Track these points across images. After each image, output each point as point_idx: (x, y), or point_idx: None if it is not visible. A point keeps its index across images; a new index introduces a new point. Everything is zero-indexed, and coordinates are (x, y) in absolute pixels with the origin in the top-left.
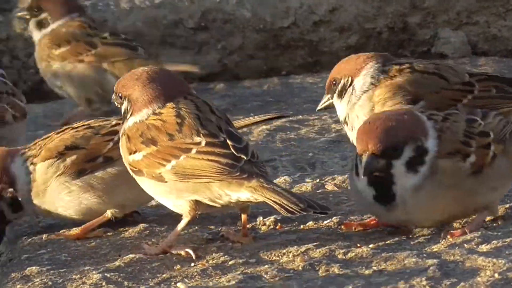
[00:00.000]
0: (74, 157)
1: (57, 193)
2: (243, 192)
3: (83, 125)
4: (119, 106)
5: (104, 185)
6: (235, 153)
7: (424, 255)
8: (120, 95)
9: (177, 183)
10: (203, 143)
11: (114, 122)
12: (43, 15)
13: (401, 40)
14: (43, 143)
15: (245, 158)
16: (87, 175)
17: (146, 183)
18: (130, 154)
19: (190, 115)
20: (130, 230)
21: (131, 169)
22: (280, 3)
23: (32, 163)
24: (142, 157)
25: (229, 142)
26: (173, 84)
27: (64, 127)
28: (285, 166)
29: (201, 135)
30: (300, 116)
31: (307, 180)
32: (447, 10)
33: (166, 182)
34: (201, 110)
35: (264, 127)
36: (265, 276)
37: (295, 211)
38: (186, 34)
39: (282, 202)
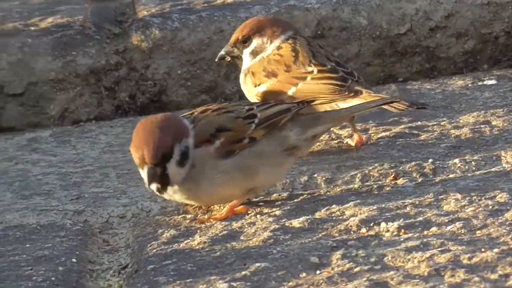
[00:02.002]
0: (223, 138)
1: (210, 174)
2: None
3: (220, 108)
4: (240, 50)
5: (251, 165)
6: (344, 75)
7: None
8: (245, 38)
9: None
10: (315, 71)
11: (247, 107)
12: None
13: None
14: (197, 115)
15: (352, 79)
16: (236, 155)
17: None
18: (255, 87)
19: (303, 49)
20: (255, 239)
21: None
22: (396, 10)
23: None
24: (265, 89)
25: (337, 68)
26: (287, 25)
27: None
28: (406, 172)
29: (312, 65)
30: (419, 122)
31: (428, 186)
32: None
33: None
34: (311, 44)
35: (383, 133)
36: (391, 282)
37: (402, 108)
38: None
39: (389, 103)
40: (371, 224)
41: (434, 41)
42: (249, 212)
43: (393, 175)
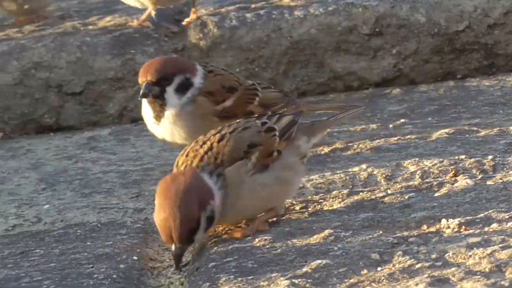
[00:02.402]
0: (257, 153)
1: (252, 191)
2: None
3: (236, 128)
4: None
5: (286, 176)
6: None
7: None
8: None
9: None
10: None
11: (259, 122)
12: None
13: None
14: (212, 153)
15: None
16: (270, 169)
17: None
18: (218, 104)
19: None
20: (315, 236)
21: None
22: (454, 7)
23: (217, 173)
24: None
25: None
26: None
27: (216, 132)
28: (466, 169)
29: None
30: (478, 119)
31: (488, 183)
32: None
33: None
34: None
35: (442, 130)
36: (452, 278)
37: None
38: (361, 40)
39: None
40: (432, 221)
41: (492, 38)
42: (309, 209)
43: (453, 172)
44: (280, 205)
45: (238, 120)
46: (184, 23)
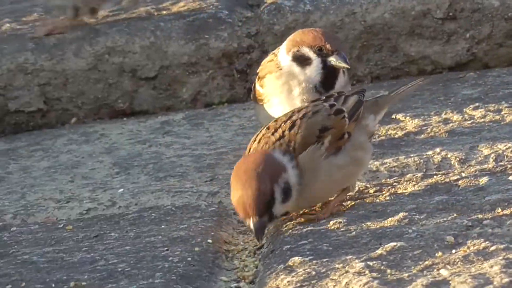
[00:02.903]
0: (330, 137)
1: (328, 173)
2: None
3: (305, 114)
4: None
5: (359, 157)
6: None
7: None
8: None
9: None
10: None
11: (326, 104)
12: None
13: None
14: (284, 140)
15: None
16: (344, 151)
17: None
18: None
19: None
20: (390, 219)
21: None
22: None
23: (290, 154)
24: None
25: None
26: None
27: (287, 118)
28: None
29: None
30: None
31: None
32: None
33: None
34: None
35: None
36: None
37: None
38: (435, 25)
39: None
40: (506, 204)
41: None
42: (383, 192)
43: None
44: (353, 185)
45: (306, 104)
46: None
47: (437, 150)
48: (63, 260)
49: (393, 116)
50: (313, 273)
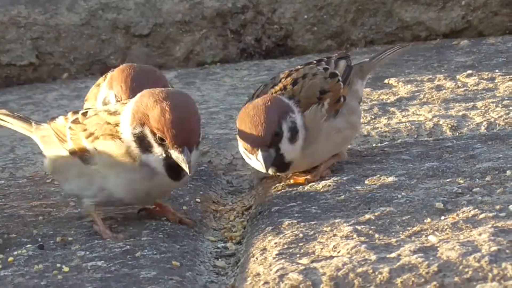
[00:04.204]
0: (328, 99)
1: (327, 136)
2: None
3: (306, 74)
4: None
5: (354, 121)
6: None
7: None
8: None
9: None
10: None
11: (320, 68)
12: None
13: None
14: (287, 91)
15: None
16: (341, 114)
17: None
18: None
19: None
20: (379, 183)
21: None
22: None
23: (296, 100)
24: None
25: None
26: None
27: (286, 76)
28: None
29: None
30: None
31: None
32: None
33: None
34: None
35: (510, 83)
36: None
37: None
38: None
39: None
40: (497, 172)
41: None
42: (374, 156)
43: None
44: (345, 150)
45: (300, 66)
46: None
47: (429, 116)
48: (50, 215)
49: (386, 81)
50: (301, 235)
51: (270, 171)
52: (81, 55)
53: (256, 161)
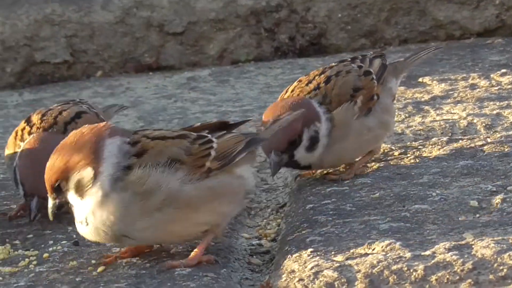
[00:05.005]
0: (361, 97)
1: (358, 134)
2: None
3: (339, 71)
4: None
5: (386, 119)
6: None
7: None
8: None
9: None
10: None
11: (355, 66)
12: None
13: None
14: (320, 91)
15: None
16: (373, 112)
17: None
18: None
19: None
20: (414, 181)
21: None
22: None
23: (325, 107)
24: None
25: None
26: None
27: (320, 73)
28: None
29: None
30: None
31: None
32: None
33: None
34: None
35: None
36: None
37: None
38: None
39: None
40: None
41: None
42: (408, 155)
43: None
44: (379, 148)
45: (334, 63)
46: None
47: (463, 115)
48: None
49: (420, 80)
50: (336, 232)
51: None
52: (115, 53)
53: (267, 161)
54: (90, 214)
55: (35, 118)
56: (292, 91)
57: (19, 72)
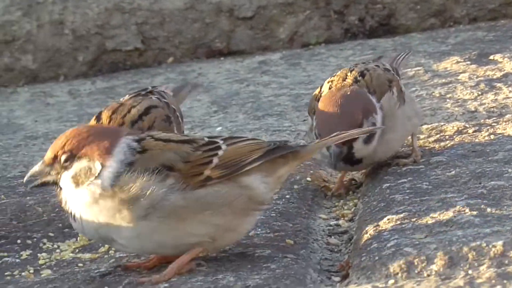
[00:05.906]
0: (395, 87)
1: (402, 123)
2: None
3: (366, 67)
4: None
5: (417, 108)
6: None
7: None
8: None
9: None
10: None
11: (374, 63)
12: None
13: None
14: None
15: None
16: (407, 103)
17: None
18: None
19: None
20: (490, 158)
21: None
22: None
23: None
24: None
25: None
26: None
27: (351, 70)
28: None
29: None
30: None
31: None
32: None
33: None
34: None
35: None
36: None
37: None
38: None
39: None
40: None
41: None
42: (482, 132)
43: None
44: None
45: (356, 63)
46: None
47: None
48: None
49: (491, 57)
50: (413, 211)
51: (338, 167)
52: (185, 39)
53: (326, 152)
54: (78, 213)
55: (104, 116)
56: (342, 78)
57: (91, 60)
